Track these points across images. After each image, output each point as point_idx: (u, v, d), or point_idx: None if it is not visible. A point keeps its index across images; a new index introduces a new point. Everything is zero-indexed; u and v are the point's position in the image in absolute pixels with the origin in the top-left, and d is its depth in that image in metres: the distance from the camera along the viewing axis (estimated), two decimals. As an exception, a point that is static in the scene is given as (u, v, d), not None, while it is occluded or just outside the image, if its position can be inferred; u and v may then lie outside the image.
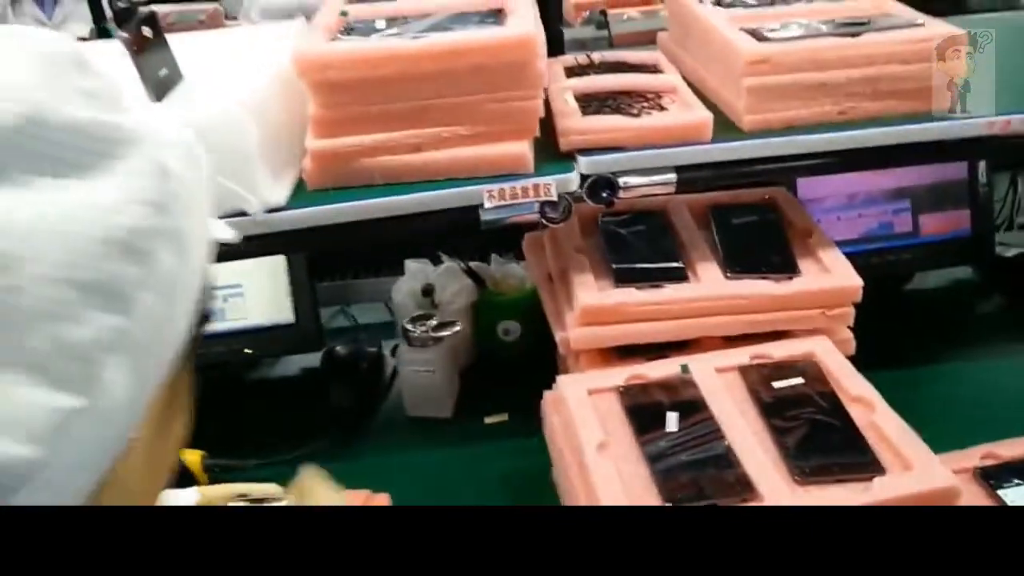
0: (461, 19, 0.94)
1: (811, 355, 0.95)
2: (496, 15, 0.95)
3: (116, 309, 0.32)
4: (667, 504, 0.77)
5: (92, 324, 0.31)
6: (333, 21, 0.97)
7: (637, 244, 1.07)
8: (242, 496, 0.90)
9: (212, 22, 2.17)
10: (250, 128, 0.84)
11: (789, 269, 1.01)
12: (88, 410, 0.31)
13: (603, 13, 1.68)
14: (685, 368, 0.93)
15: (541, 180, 0.91)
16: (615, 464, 0.82)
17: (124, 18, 2.66)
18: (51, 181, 0.31)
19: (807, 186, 1.28)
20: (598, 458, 0.82)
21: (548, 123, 0.95)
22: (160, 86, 0.85)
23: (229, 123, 0.84)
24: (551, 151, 0.95)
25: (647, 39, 1.74)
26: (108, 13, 2.44)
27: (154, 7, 2.80)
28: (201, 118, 0.82)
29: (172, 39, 0.89)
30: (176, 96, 0.87)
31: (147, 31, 0.84)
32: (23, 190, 0.31)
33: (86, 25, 2.65)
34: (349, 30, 0.95)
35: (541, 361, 1.18)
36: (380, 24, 0.95)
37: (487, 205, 0.91)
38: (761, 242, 1.06)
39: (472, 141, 0.90)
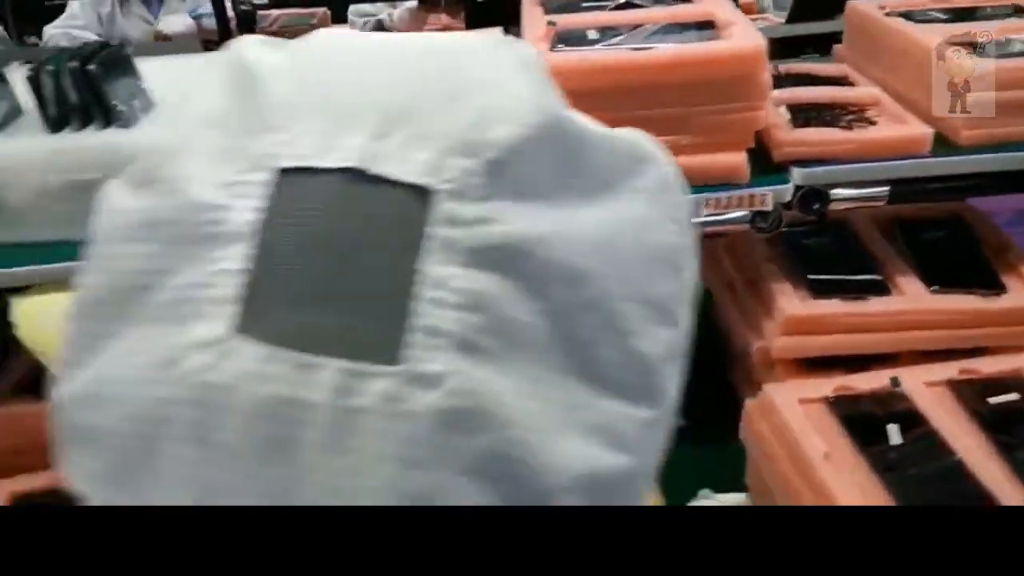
0: (676, 30, 0.95)
1: (1021, 371, 0.94)
2: (710, 26, 0.96)
3: (668, 322, 0.32)
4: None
5: (652, 337, 0.31)
6: (542, 31, 0.99)
7: (827, 256, 1.07)
8: None
9: (322, 25, 2.25)
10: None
11: (995, 285, 1.00)
12: (657, 420, 0.32)
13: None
14: (896, 381, 0.93)
15: (757, 191, 0.92)
16: (844, 475, 0.82)
17: (247, 20, 2.70)
18: (593, 198, 0.31)
19: (974, 200, 1.26)
20: (828, 468, 0.82)
21: (751, 133, 0.96)
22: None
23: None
24: (756, 160, 0.95)
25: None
26: (231, 14, 2.50)
27: (270, 10, 2.84)
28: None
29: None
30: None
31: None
32: (568, 207, 0.30)
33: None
34: (562, 40, 0.97)
35: (704, 367, 1.18)
36: (592, 34, 0.97)
37: (703, 214, 0.92)
38: (958, 257, 1.05)
39: (690, 151, 0.91)
